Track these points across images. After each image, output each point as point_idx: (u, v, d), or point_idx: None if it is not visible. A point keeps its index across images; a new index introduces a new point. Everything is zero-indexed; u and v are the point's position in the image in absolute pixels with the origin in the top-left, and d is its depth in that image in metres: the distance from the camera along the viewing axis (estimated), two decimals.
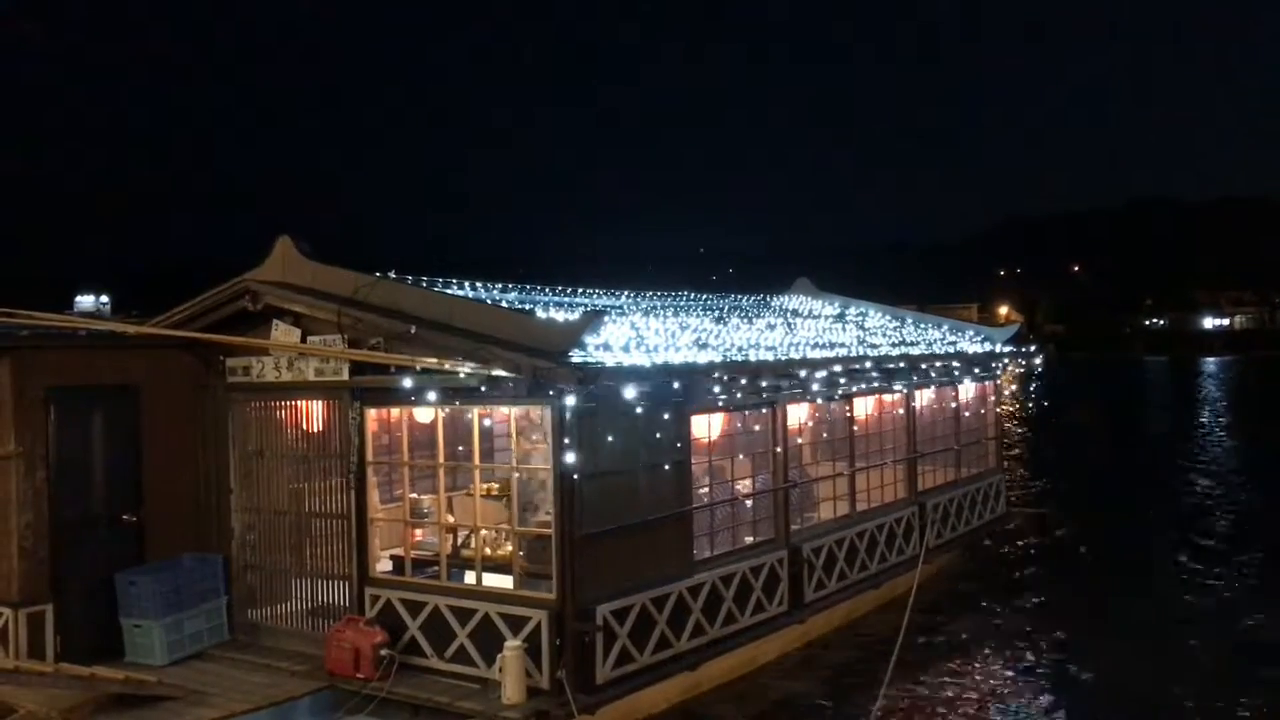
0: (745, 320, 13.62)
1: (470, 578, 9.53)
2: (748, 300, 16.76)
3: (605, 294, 14.26)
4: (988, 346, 16.71)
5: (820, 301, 17.98)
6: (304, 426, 10.59)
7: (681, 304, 14.68)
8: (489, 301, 10.74)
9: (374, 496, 10.35)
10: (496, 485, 10.91)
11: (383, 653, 9.17)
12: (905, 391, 14.11)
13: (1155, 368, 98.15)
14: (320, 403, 10.41)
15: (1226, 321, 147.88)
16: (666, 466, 9.79)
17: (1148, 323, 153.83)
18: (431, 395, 9.35)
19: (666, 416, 9.68)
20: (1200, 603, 14.38)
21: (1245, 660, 11.85)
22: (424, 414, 9.97)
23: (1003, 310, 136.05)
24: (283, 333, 10.37)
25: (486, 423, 11.18)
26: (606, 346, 9.33)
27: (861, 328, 15.48)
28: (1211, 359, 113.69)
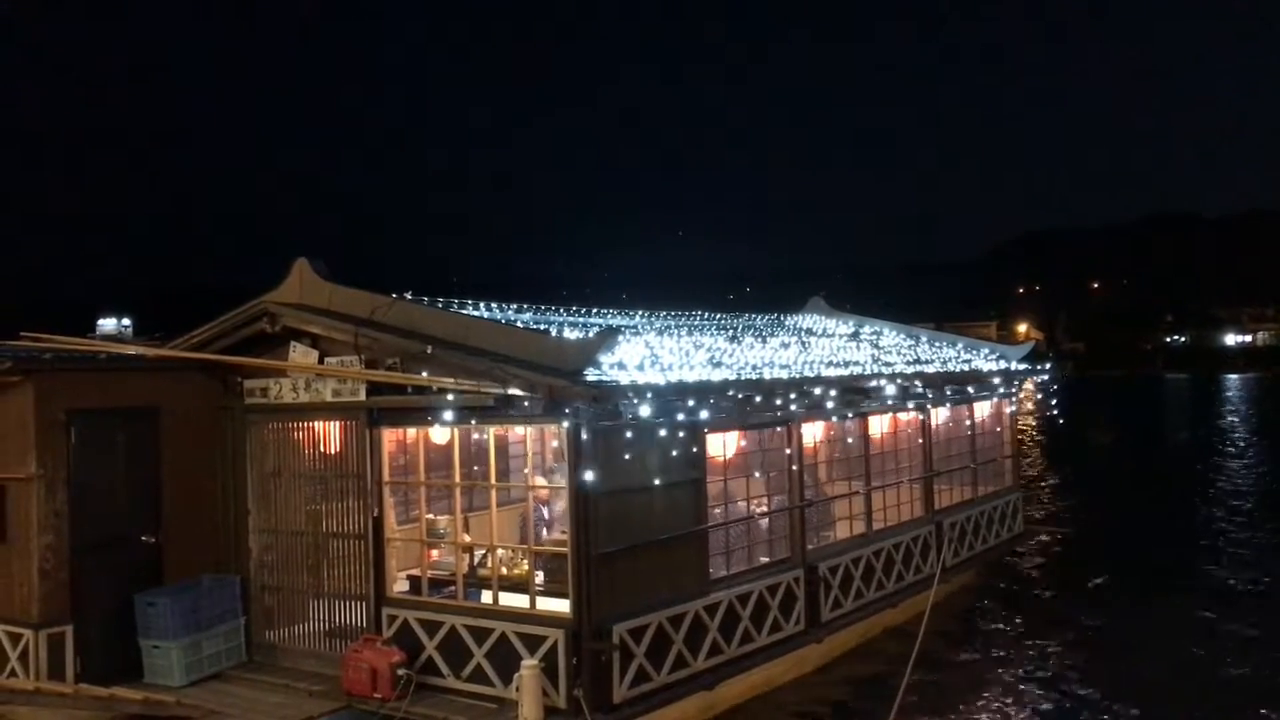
0: (759, 339, 13.64)
1: (487, 597, 9.55)
2: (762, 319, 16.79)
3: (619, 313, 14.31)
4: (1003, 364, 16.66)
5: (834, 320, 17.99)
6: (321, 447, 10.65)
7: (695, 323, 14.72)
8: (504, 321, 10.80)
9: (391, 517, 10.39)
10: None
11: (400, 673, 9.18)
12: (920, 410, 14.08)
13: (1176, 385, 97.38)
14: (337, 423, 10.47)
15: (1248, 338, 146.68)
16: (682, 484, 9.80)
17: (1168, 340, 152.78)
18: (448, 415, 9.39)
19: (681, 435, 9.69)
20: (1218, 628, 14.17)
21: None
22: (440, 434, 10.02)
23: (1022, 328, 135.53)
24: (300, 354, 10.46)
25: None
26: (621, 365, 9.36)
27: (876, 346, 15.46)
28: (1233, 376, 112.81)
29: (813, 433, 12.30)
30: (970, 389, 15.20)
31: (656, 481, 9.45)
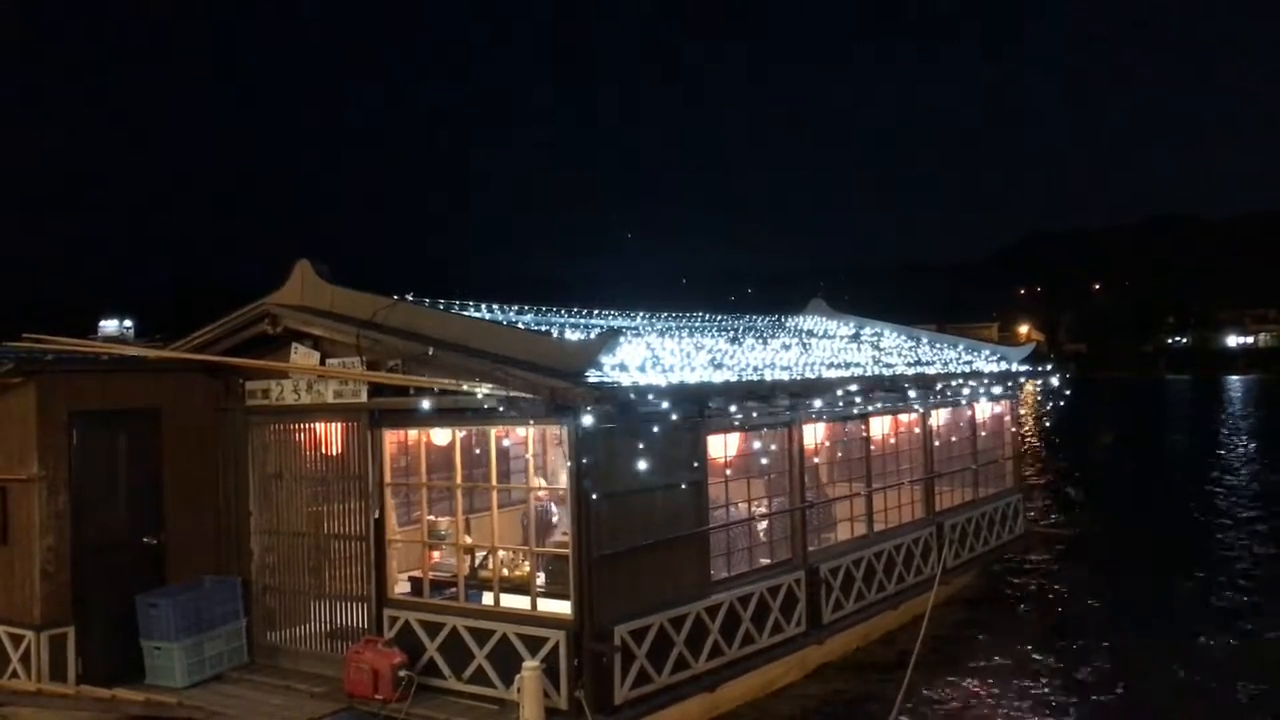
0: (760, 340, 13.65)
1: (488, 598, 9.56)
2: (763, 321, 16.80)
3: (621, 315, 14.31)
4: (1003, 366, 16.66)
5: (835, 322, 18.00)
6: (323, 449, 10.66)
7: (697, 324, 14.73)
8: (505, 323, 10.81)
9: (392, 518, 10.40)
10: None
11: (401, 674, 9.19)
12: (921, 411, 14.09)
13: (1178, 387, 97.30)
14: (339, 425, 10.47)
15: (1250, 339, 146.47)
16: (683, 486, 9.80)
17: (1170, 341, 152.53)
18: (449, 416, 9.40)
19: (683, 436, 9.71)
20: (1216, 631, 14.09)
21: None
22: (441, 435, 10.03)
23: (1023, 330, 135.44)
24: (302, 356, 10.47)
25: (505, 443, 11.24)
26: (623, 367, 9.37)
27: (876, 348, 15.47)
28: (1235, 377, 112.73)
29: (814, 434, 12.30)
30: (971, 390, 15.20)
31: (658, 483, 9.45)
